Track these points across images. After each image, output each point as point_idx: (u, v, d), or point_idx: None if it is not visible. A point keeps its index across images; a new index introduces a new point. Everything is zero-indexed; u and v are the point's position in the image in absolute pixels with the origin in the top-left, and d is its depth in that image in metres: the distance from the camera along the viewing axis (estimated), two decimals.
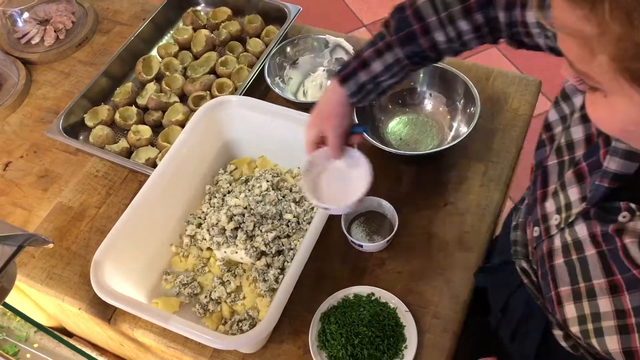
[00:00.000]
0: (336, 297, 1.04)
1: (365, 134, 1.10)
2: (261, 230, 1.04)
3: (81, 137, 1.33)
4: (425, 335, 1.00)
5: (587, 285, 0.65)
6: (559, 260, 0.70)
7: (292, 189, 1.15)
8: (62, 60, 1.52)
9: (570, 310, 0.67)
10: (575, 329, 0.67)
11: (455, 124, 1.25)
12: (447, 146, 1.15)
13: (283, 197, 1.13)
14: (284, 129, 1.14)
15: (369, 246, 1.08)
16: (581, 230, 0.67)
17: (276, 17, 1.47)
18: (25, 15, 1.56)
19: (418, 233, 1.12)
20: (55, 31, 1.54)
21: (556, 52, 0.78)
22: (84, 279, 1.13)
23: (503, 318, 0.94)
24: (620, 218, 0.62)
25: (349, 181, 0.94)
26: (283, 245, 1.06)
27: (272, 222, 1.06)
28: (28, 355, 1.26)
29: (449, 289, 1.05)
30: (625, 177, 0.62)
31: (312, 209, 1.11)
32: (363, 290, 1.04)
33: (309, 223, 1.09)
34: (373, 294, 1.04)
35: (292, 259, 1.05)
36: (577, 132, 0.72)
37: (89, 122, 1.33)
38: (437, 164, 1.21)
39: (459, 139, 1.15)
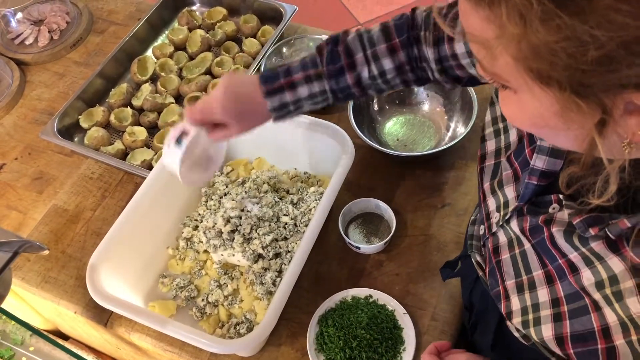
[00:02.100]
0: (334, 300, 1.03)
1: None
2: (258, 233, 1.04)
3: (76, 139, 1.32)
4: (423, 337, 1.00)
5: (528, 278, 0.68)
6: (505, 256, 0.73)
7: (289, 191, 1.15)
8: (56, 60, 1.51)
9: (515, 302, 0.70)
10: (517, 320, 0.69)
11: (452, 125, 1.24)
12: (445, 147, 1.15)
13: (280, 199, 1.12)
14: (281, 130, 1.13)
15: (366, 248, 1.08)
16: (514, 226, 0.70)
17: (272, 17, 1.46)
18: (19, 15, 1.55)
19: (415, 234, 1.11)
20: (49, 31, 1.53)
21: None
22: (80, 282, 1.12)
23: (467, 311, 0.95)
24: (550, 210, 0.64)
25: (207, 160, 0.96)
26: (280, 247, 1.06)
27: (269, 225, 1.06)
28: (24, 359, 1.25)
29: (446, 291, 1.05)
30: (552, 173, 0.65)
31: (310, 210, 1.11)
32: (361, 292, 1.04)
33: (306, 225, 1.08)
34: (371, 296, 1.03)
35: (289, 261, 1.05)
36: (513, 135, 0.75)
37: (83, 124, 1.32)
38: (435, 164, 1.20)
39: (457, 140, 1.15)
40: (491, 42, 0.47)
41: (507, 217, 0.72)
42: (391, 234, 1.08)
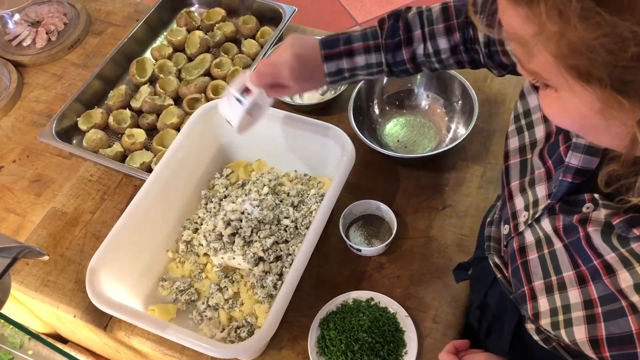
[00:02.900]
0: (335, 303, 1.03)
1: None
2: (259, 236, 1.03)
3: (74, 141, 1.31)
4: (425, 340, 1.00)
5: (558, 278, 0.67)
6: (533, 256, 0.71)
7: (289, 193, 1.14)
8: (54, 62, 1.50)
9: (543, 303, 0.69)
10: (546, 321, 0.68)
11: (453, 126, 1.24)
12: (445, 149, 1.14)
13: (281, 201, 1.12)
14: (281, 132, 1.13)
15: (367, 250, 1.07)
16: (546, 225, 0.69)
17: (271, 17, 1.45)
18: (16, 16, 1.54)
19: (417, 236, 1.11)
20: (47, 33, 1.52)
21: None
22: (79, 286, 1.12)
23: (482, 313, 0.94)
24: (584, 209, 0.64)
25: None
26: (281, 250, 1.05)
27: (270, 228, 1.05)
28: None
29: (448, 293, 1.04)
30: (587, 171, 0.64)
31: (311, 213, 1.10)
32: (362, 295, 1.03)
33: (307, 228, 1.08)
34: (372, 299, 1.03)
35: (290, 264, 1.04)
36: (539, 132, 0.74)
37: (82, 126, 1.31)
38: (435, 166, 1.20)
39: (457, 141, 1.14)
40: (530, 40, 0.47)
41: (537, 216, 0.70)
42: (392, 236, 1.07)
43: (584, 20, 0.43)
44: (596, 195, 0.62)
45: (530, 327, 0.80)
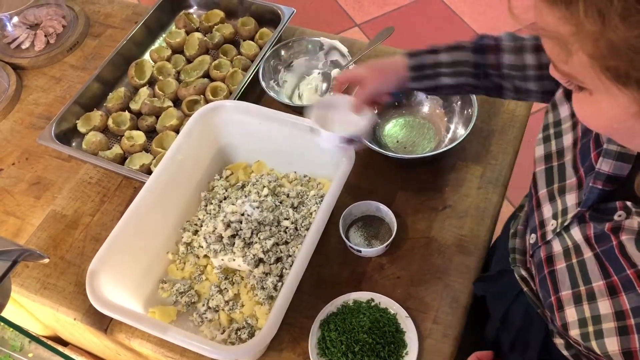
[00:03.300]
0: (335, 304, 1.03)
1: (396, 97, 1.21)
2: (259, 238, 1.03)
3: (74, 144, 1.31)
4: (426, 341, 1.00)
5: (587, 288, 0.65)
6: (560, 265, 0.70)
7: (289, 195, 1.14)
8: (53, 65, 1.50)
9: (571, 313, 0.67)
10: (575, 332, 0.67)
11: (452, 126, 1.24)
12: (445, 149, 1.14)
13: (280, 202, 1.12)
14: (280, 133, 1.13)
15: (367, 251, 1.07)
16: (576, 233, 0.68)
17: (270, 19, 1.45)
18: (15, 19, 1.54)
19: (417, 237, 1.11)
20: (45, 35, 1.52)
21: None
22: (79, 288, 1.11)
23: (502, 326, 0.93)
24: (615, 217, 0.62)
25: (353, 121, 1.01)
26: (281, 252, 1.05)
27: (270, 229, 1.05)
28: None
29: (448, 294, 1.04)
30: (618, 178, 0.63)
31: (311, 214, 1.10)
32: (362, 296, 1.03)
33: (307, 229, 1.08)
34: (372, 300, 1.03)
35: (290, 265, 1.04)
36: (567, 140, 0.73)
37: (81, 128, 1.31)
38: (435, 166, 1.20)
39: (457, 142, 1.14)
40: (567, 39, 0.46)
41: (566, 224, 0.69)
42: (392, 237, 1.07)
43: (625, 20, 0.42)
44: (629, 203, 0.61)
45: (559, 342, 0.78)
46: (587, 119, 0.53)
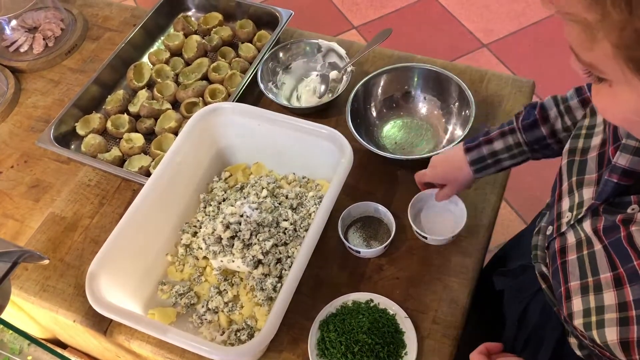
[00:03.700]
0: (334, 305, 1.03)
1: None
2: (258, 239, 1.03)
3: (73, 146, 1.31)
4: (425, 341, 1.00)
5: (594, 280, 0.66)
6: (572, 256, 0.71)
7: (288, 196, 1.14)
8: (51, 68, 1.50)
9: (577, 303, 0.68)
10: (578, 321, 0.68)
11: (450, 127, 1.24)
12: (443, 150, 1.14)
13: (279, 204, 1.12)
14: (279, 135, 1.14)
15: (366, 252, 1.08)
16: (587, 226, 0.69)
17: (268, 21, 1.46)
18: (13, 23, 1.54)
19: (415, 238, 1.11)
20: (44, 39, 1.52)
21: None
22: (79, 291, 1.11)
23: (519, 326, 0.94)
24: (629, 210, 0.63)
25: (447, 217, 1.12)
26: (280, 253, 1.05)
27: (269, 230, 1.05)
28: None
29: (447, 294, 1.05)
30: (635, 173, 0.63)
31: (310, 215, 1.10)
32: (361, 296, 1.04)
33: (306, 230, 1.08)
34: (372, 301, 1.03)
35: (289, 267, 1.04)
36: (596, 140, 0.74)
37: (80, 131, 1.31)
38: None
39: (455, 143, 1.15)
40: (592, 26, 0.46)
41: (580, 217, 0.70)
42: (391, 238, 1.07)
43: None
44: None
45: (573, 342, 0.79)
46: (605, 110, 0.54)
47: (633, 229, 0.62)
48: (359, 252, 1.08)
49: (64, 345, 1.47)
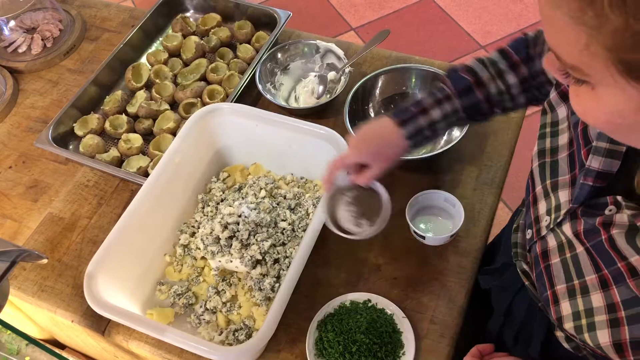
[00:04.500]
0: (332, 305, 1.03)
1: None
2: (256, 239, 1.04)
3: (71, 147, 1.31)
4: (422, 341, 1.00)
5: (580, 282, 0.66)
6: (555, 260, 0.71)
7: (286, 196, 1.14)
8: (49, 68, 1.50)
9: (565, 307, 0.68)
10: (569, 325, 0.68)
11: None
12: (441, 151, 1.15)
13: (277, 204, 1.12)
14: (277, 136, 1.14)
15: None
16: (567, 229, 0.69)
17: (266, 22, 1.46)
18: (12, 23, 1.54)
19: (413, 238, 1.11)
20: (42, 39, 1.52)
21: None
22: (77, 291, 1.12)
23: (506, 321, 0.94)
24: (606, 212, 0.63)
25: (445, 218, 1.07)
26: (278, 253, 1.05)
27: (267, 230, 1.05)
28: None
29: (445, 294, 1.05)
30: (609, 174, 0.63)
31: (308, 215, 1.11)
32: (359, 297, 1.04)
33: (304, 230, 1.08)
34: (369, 301, 1.03)
35: (287, 267, 1.05)
36: (563, 139, 0.74)
37: (78, 132, 1.31)
38: (431, 168, 1.21)
39: (452, 143, 1.15)
40: (587, 31, 0.44)
41: (558, 220, 0.70)
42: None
43: None
44: (619, 198, 0.61)
45: (560, 335, 0.79)
46: (585, 113, 0.52)
47: (614, 232, 0.62)
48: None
49: (61, 346, 1.47)
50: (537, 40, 0.88)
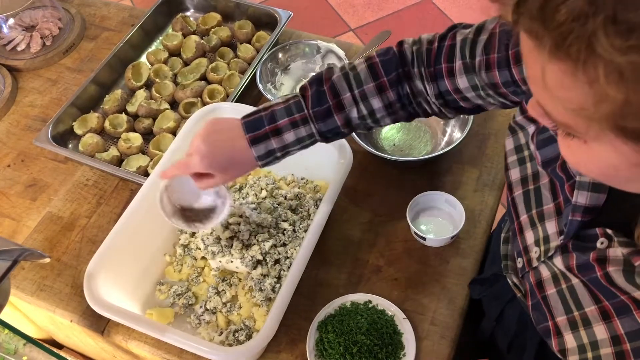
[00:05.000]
0: (333, 306, 1.03)
1: None
2: (257, 240, 1.03)
3: (70, 146, 1.31)
4: (423, 342, 1.00)
5: (581, 314, 0.65)
6: (551, 291, 0.70)
7: (286, 197, 1.14)
8: (49, 67, 1.50)
9: (570, 340, 0.67)
10: (574, 358, 0.66)
11: (448, 130, 1.25)
12: (442, 152, 1.15)
13: (278, 204, 1.12)
14: None
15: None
16: (559, 263, 0.68)
17: (266, 22, 1.46)
18: (11, 21, 1.53)
19: (413, 239, 1.11)
20: (41, 37, 1.51)
21: (505, 106, 0.81)
22: (76, 290, 1.11)
23: (498, 327, 0.94)
24: (598, 245, 0.62)
25: (445, 219, 1.09)
26: (279, 254, 1.05)
27: (269, 231, 1.05)
28: None
29: (445, 295, 1.05)
30: (596, 208, 0.62)
31: (309, 216, 1.10)
32: (360, 298, 1.04)
33: (305, 231, 1.08)
34: (370, 302, 1.03)
35: (288, 267, 1.04)
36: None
37: (78, 130, 1.31)
38: (432, 169, 1.21)
39: (453, 145, 1.15)
40: (575, 97, 0.42)
41: (549, 254, 0.69)
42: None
43: None
44: (609, 231, 0.60)
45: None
46: (577, 164, 0.51)
47: (610, 270, 0.60)
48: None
49: (59, 346, 1.46)
50: (419, 55, 0.81)
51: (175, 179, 0.94)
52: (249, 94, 1.34)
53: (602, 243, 0.61)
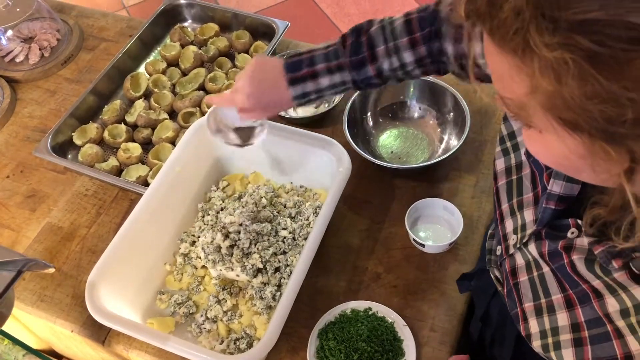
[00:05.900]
0: (333, 313, 1.03)
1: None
2: (258, 248, 1.04)
3: (70, 156, 1.31)
4: (423, 349, 1.01)
5: (547, 301, 0.68)
6: (523, 278, 0.72)
7: (286, 205, 1.15)
8: (47, 78, 1.50)
9: (533, 325, 0.69)
10: (537, 343, 0.69)
11: (445, 137, 1.26)
12: (439, 159, 1.16)
13: (278, 213, 1.12)
14: (276, 144, 1.14)
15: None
16: (533, 249, 0.70)
17: (264, 32, 1.47)
18: (9, 33, 1.54)
19: (412, 246, 1.12)
20: (40, 49, 1.52)
21: None
22: (76, 300, 1.11)
23: (484, 325, 0.95)
24: (569, 234, 0.64)
25: (444, 226, 1.12)
26: (279, 262, 1.06)
27: (268, 239, 1.06)
28: None
29: (444, 302, 1.06)
30: (570, 198, 0.65)
31: (309, 224, 1.11)
32: (360, 305, 1.04)
33: (304, 239, 1.08)
34: (370, 309, 1.04)
35: (288, 275, 1.05)
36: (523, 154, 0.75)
37: (77, 141, 1.31)
38: (429, 177, 1.22)
39: (450, 152, 1.16)
40: (521, 89, 0.46)
41: (524, 241, 0.71)
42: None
43: (580, 83, 0.41)
44: (580, 221, 0.62)
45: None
46: (535, 153, 0.54)
47: (574, 257, 0.63)
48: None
49: (59, 357, 1.46)
50: (451, 14, 0.85)
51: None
52: None
53: (572, 233, 0.64)
